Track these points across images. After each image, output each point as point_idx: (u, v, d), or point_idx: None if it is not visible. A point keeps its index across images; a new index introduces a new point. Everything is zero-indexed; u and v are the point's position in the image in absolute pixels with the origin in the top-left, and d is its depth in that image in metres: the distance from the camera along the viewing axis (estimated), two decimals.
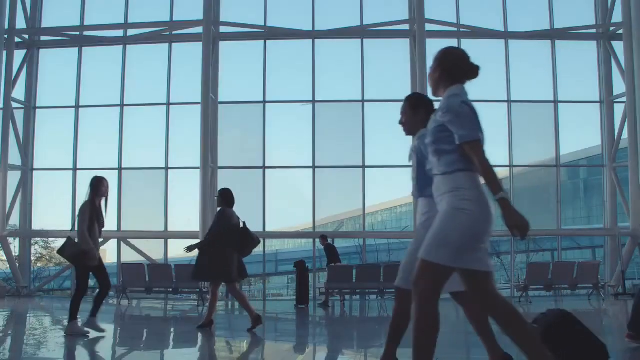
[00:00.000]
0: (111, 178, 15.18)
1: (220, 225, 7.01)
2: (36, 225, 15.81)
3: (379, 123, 15.47)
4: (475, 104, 3.06)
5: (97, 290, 6.74)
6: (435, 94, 3.17)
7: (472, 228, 2.84)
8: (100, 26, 15.64)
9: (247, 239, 7.08)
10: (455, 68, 3.09)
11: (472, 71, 3.12)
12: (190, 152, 15.01)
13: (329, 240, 13.21)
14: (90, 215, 6.45)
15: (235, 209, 7.23)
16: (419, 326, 2.90)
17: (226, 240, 6.96)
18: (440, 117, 3.00)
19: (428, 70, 3.26)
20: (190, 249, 7.13)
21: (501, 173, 17.21)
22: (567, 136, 15.37)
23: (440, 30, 15.16)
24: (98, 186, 6.58)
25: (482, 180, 2.94)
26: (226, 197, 7.22)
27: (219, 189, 7.60)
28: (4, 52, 14.94)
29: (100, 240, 6.79)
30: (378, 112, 15.49)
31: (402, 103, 3.90)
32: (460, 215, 2.83)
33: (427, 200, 3.61)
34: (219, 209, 7.23)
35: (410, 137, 4.01)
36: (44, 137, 16.02)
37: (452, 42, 15.21)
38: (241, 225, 7.15)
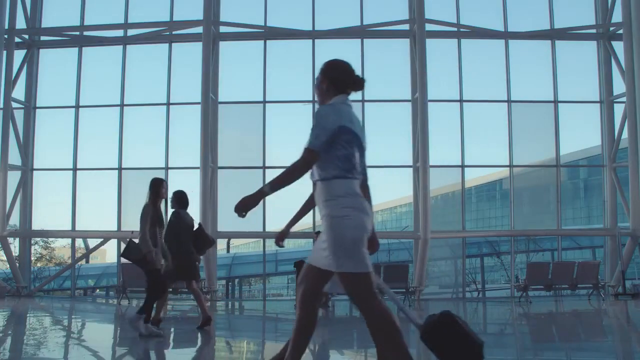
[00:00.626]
0: (111, 178, 15.38)
1: (180, 226, 7.20)
2: (36, 225, 15.80)
3: (379, 123, 15.48)
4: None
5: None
6: (322, 104, 3.27)
7: (357, 231, 3.01)
8: (100, 26, 15.62)
9: (202, 240, 7.20)
10: (341, 80, 3.23)
11: (357, 83, 3.28)
12: (190, 152, 15.01)
13: None
14: (151, 218, 6.41)
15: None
16: (379, 329, 3.04)
17: (183, 240, 7.14)
18: None
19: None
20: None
21: (501, 173, 17.26)
22: (567, 136, 15.39)
23: (440, 30, 15.15)
24: (158, 188, 6.61)
25: (358, 187, 3.11)
26: (180, 199, 7.41)
27: (174, 190, 7.65)
28: (4, 52, 14.92)
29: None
30: (378, 112, 15.49)
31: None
32: (343, 222, 2.99)
33: None
34: (172, 210, 7.38)
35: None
36: (44, 137, 16.01)
37: (452, 42, 15.23)
38: (196, 226, 7.30)
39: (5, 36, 15.01)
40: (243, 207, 3.01)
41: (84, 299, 17.27)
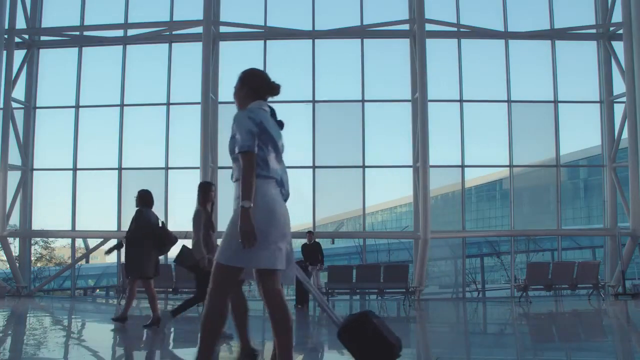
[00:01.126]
0: (111, 178, 15.38)
1: (138, 224, 7.39)
2: (36, 225, 15.80)
3: (379, 123, 15.48)
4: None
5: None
6: (241, 109, 3.56)
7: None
8: (100, 26, 15.62)
9: (165, 238, 7.32)
10: (259, 87, 3.54)
11: (274, 89, 3.58)
12: (190, 152, 15.00)
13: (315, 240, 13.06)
14: (205, 222, 6.36)
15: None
16: (207, 317, 3.25)
17: (145, 238, 7.33)
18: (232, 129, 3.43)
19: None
20: (109, 251, 8.20)
21: (501, 173, 17.26)
22: (567, 136, 15.38)
23: (440, 30, 15.15)
24: (207, 191, 6.51)
25: (273, 187, 3.32)
26: (144, 198, 7.57)
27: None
28: (4, 52, 14.92)
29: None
30: (378, 112, 15.50)
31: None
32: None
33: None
34: (137, 209, 7.58)
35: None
36: (44, 137, 16.00)
37: (452, 42, 15.23)
38: (160, 224, 7.43)
39: (5, 36, 15.00)
40: (250, 234, 3.10)
41: (84, 299, 17.27)
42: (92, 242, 16.56)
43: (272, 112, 3.66)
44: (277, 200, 3.31)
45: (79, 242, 17.28)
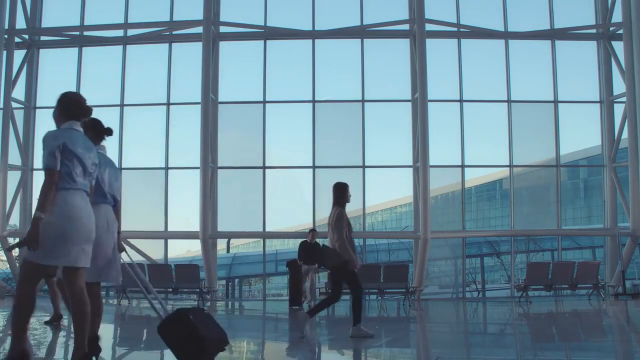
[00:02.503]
0: None
1: None
2: None
3: (379, 123, 15.49)
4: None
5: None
6: (57, 128, 3.92)
7: (56, 235, 3.62)
8: (100, 26, 15.63)
9: None
10: (70, 108, 3.89)
11: (86, 111, 3.97)
12: (190, 152, 15.01)
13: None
14: (346, 223, 6.34)
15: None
16: (16, 306, 3.68)
17: None
18: None
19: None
20: (10, 249, 7.93)
21: (501, 173, 17.26)
22: (567, 136, 15.40)
23: (440, 30, 15.17)
24: (345, 192, 6.56)
25: (79, 197, 3.73)
26: None
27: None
28: (4, 52, 14.93)
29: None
30: (378, 112, 15.51)
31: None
32: (48, 227, 3.59)
33: None
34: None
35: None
36: None
37: (452, 42, 15.24)
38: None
39: (5, 36, 15.02)
40: (33, 240, 3.51)
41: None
42: None
43: (94, 125, 4.29)
44: (82, 208, 3.73)
45: None
